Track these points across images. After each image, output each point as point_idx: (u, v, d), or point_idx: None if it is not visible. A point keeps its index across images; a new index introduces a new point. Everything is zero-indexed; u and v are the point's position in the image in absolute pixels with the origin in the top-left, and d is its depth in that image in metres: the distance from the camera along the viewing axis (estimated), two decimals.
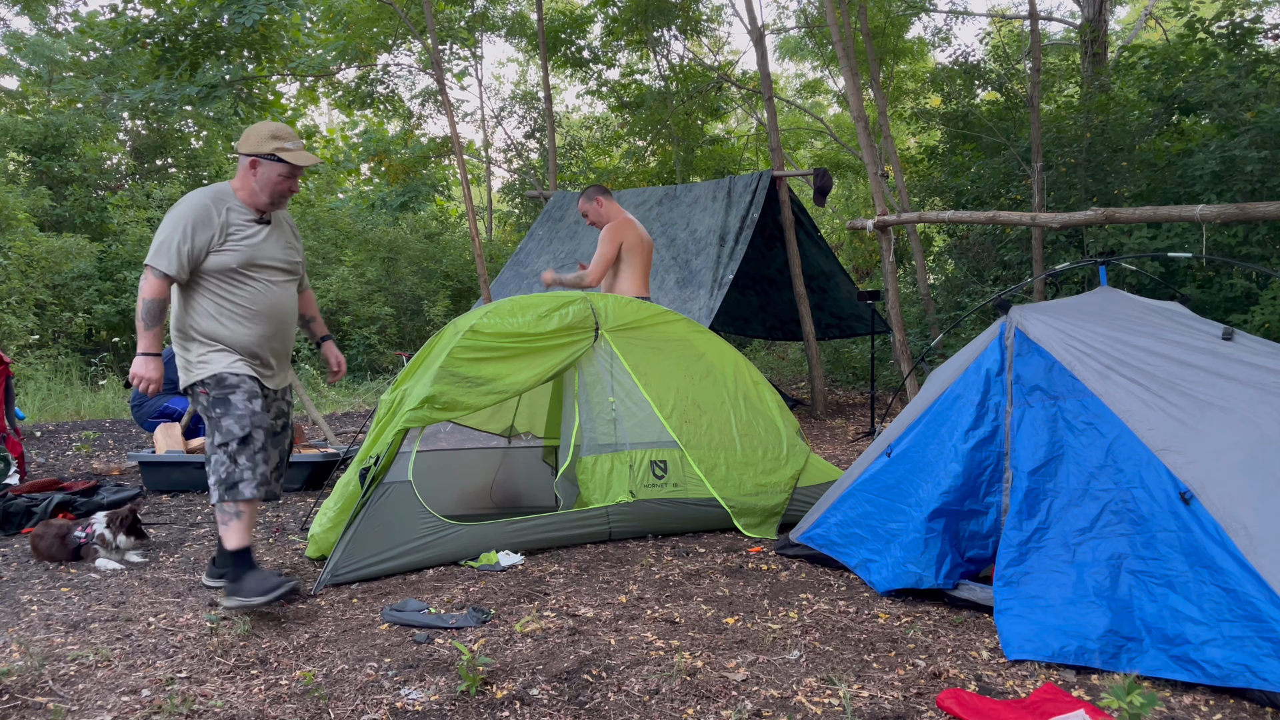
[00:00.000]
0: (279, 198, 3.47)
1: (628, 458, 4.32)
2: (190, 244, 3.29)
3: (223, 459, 3.30)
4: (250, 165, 3.40)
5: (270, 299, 3.47)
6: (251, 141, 3.42)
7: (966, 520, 3.30)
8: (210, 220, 3.33)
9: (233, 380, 3.36)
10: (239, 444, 3.31)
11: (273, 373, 3.56)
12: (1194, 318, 3.36)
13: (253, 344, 3.45)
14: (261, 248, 3.44)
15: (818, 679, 2.63)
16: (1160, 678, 2.57)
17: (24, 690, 2.61)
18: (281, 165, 3.41)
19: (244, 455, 3.31)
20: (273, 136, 3.42)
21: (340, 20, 14.40)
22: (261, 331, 3.46)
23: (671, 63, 16.01)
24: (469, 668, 2.59)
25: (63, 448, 7.69)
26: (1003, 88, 11.78)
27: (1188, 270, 8.30)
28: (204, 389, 3.36)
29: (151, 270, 3.28)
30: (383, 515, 3.74)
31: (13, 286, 12.39)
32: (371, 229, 16.36)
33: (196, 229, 3.30)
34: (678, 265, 8.26)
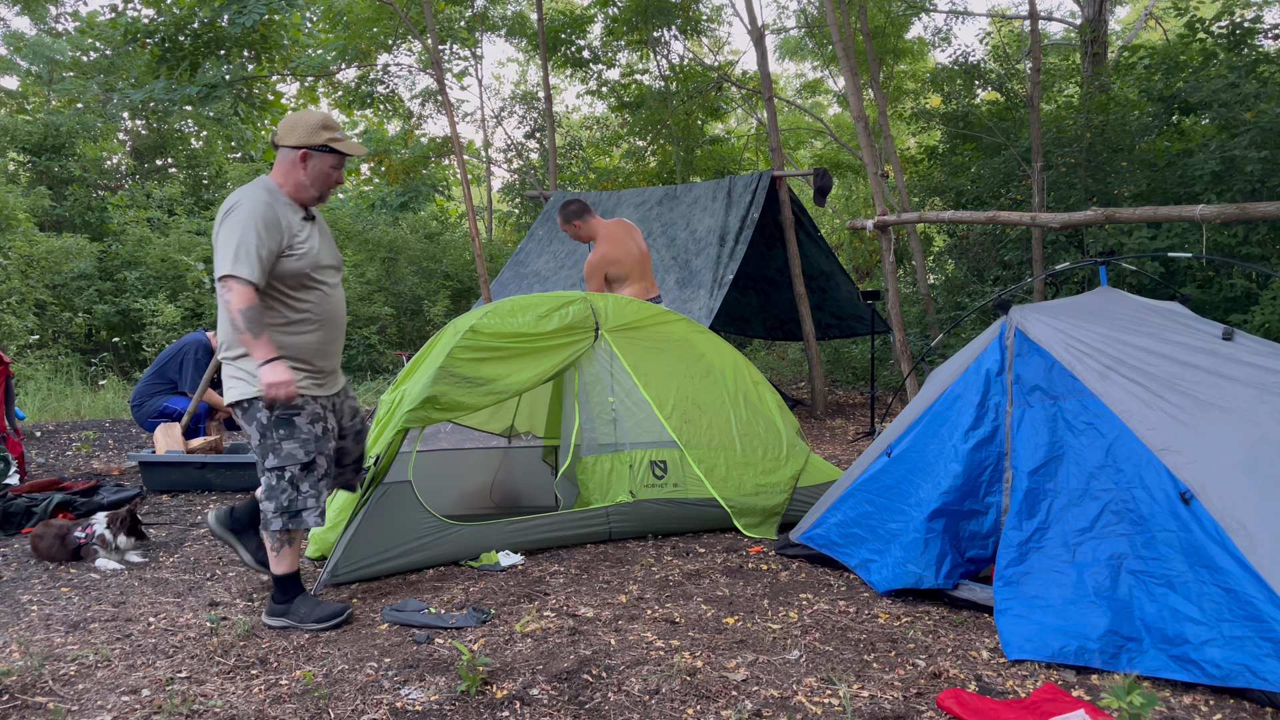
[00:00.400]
0: (328, 191, 3.30)
1: (628, 458, 4.32)
2: (266, 248, 3.04)
3: (284, 486, 3.15)
4: (300, 158, 3.21)
5: (332, 303, 3.29)
6: (300, 133, 3.22)
7: (966, 520, 3.30)
8: (277, 221, 3.10)
9: (298, 401, 3.14)
10: (301, 470, 3.16)
11: (330, 378, 3.35)
12: (1194, 318, 3.36)
13: (316, 352, 3.23)
14: (318, 248, 3.23)
15: (818, 679, 2.63)
16: (1160, 678, 2.57)
17: (24, 690, 2.61)
18: (333, 156, 3.24)
19: (306, 482, 3.17)
20: (323, 126, 3.24)
21: (340, 20, 14.40)
22: (325, 338, 3.27)
23: (671, 63, 16.01)
24: (469, 668, 2.59)
25: (63, 448, 7.70)
26: (1003, 88, 11.78)
27: (1188, 270, 8.30)
28: (266, 405, 3.12)
29: (235, 280, 2.99)
30: (383, 515, 3.74)
31: (13, 286, 12.39)
32: (371, 229, 16.35)
33: (269, 230, 3.06)
34: (678, 265, 8.26)
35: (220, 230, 3.08)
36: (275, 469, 3.14)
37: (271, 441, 3.14)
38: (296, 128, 3.24)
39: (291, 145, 3.22)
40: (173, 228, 15.47)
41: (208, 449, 5.92)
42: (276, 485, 3.14)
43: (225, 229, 3.07)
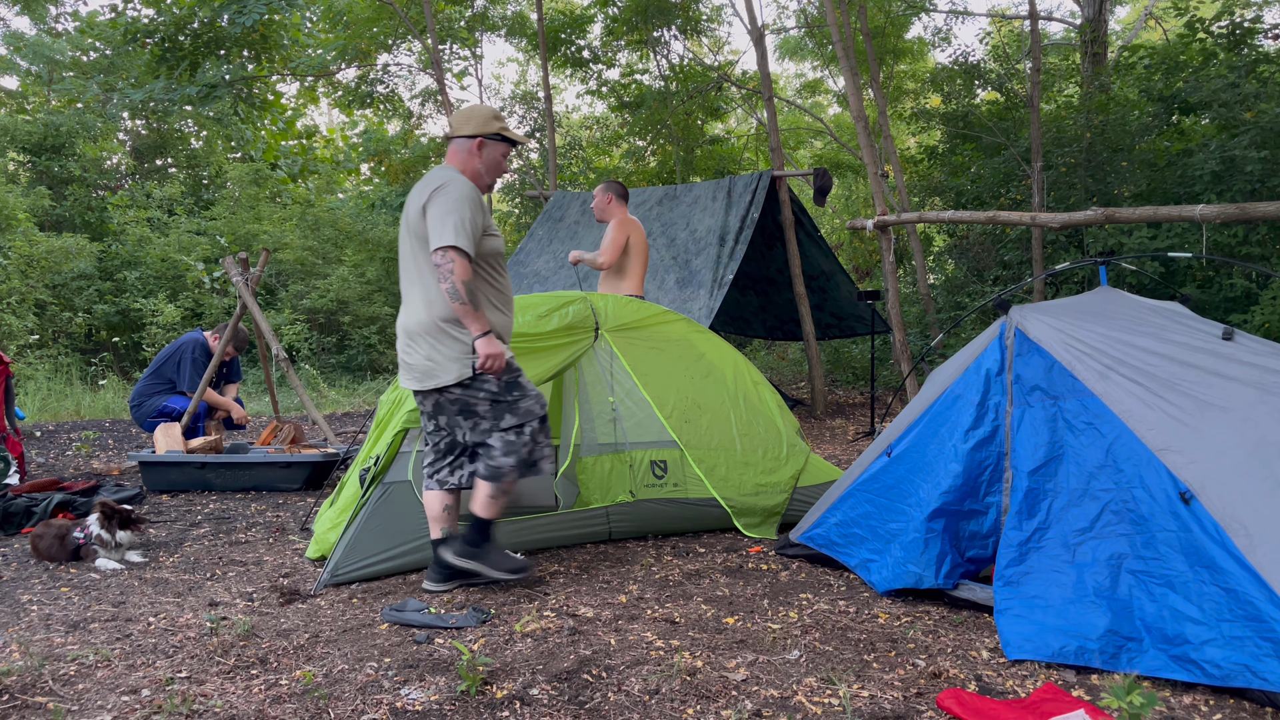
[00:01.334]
0: (497, 178, 3.53)
1: (628, 458, 4.32)
2: (476, 225, 3.27)
3: (525, 440, 3.39)
4: (476, 146, 3.42)
5: (510, 286, 3.54)
6: (476, 122, 3.43)
7: (966, 520, 3.30)
8: (480, 203, 3.34)
9: (515, 364, 3.42)
10: (540, 422, 3.42)
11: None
12: (1194, 318, 3.36)
13: (506, 330, 3.49)
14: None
15: (818, 679, 2.63)
16: (1160, 678, 2.57)
17: (24, 690, 2.61)
18: (505, 144, 3.48)
19: (543, 433, 3.43)
20: (495, 117, 3.47)
21: (340, 20, 14.41)
22: (510, 319, 3.53)
23: (671, 63, 16.01)
24: (469, 668, 2.59)
25: (63, 448, 7.70)
26: (1003, 88, 11.78)
27: (1188, 270, 8.30)
28: (506, 376, 3.37)
29: (456, 251, 3.18)
30: (383, 515, 3.74)
31: (13, 286, 12.39)
32: (371, 229, 16.35)
33: (475, 209, 3.29)
34: (678, 265, 8.26)
35: (432, 206, 3.25)
36: (515, 427, 3.39)
37: (509, 402, 3.39)
38: (472, 118, 3.46)
39: (468, 134, 3.45)
40: (173, 228, 15.47)
41: (208, 449, 5.92)
42: (517, 440, 3.39)
43: (439, 205, 3.24)
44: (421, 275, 3.35)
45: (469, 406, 3.39)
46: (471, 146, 3.44)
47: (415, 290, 3.38)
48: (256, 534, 4.64)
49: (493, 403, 3.38)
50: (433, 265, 3.26)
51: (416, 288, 3.37)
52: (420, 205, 3.29)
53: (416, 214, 3.32)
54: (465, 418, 3.42)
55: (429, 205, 3.26)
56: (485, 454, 3.43)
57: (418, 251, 3.36)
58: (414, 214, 3.33)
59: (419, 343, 3.36)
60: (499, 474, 3.40)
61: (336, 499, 4.39)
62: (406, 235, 3.41)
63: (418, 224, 3.32)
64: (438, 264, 3.21)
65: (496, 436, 3.39)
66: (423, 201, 3.29)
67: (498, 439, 3.39)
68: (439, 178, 3.32)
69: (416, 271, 3.37)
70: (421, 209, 3.29)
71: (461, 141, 3.45)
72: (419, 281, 3.36)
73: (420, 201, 3.30)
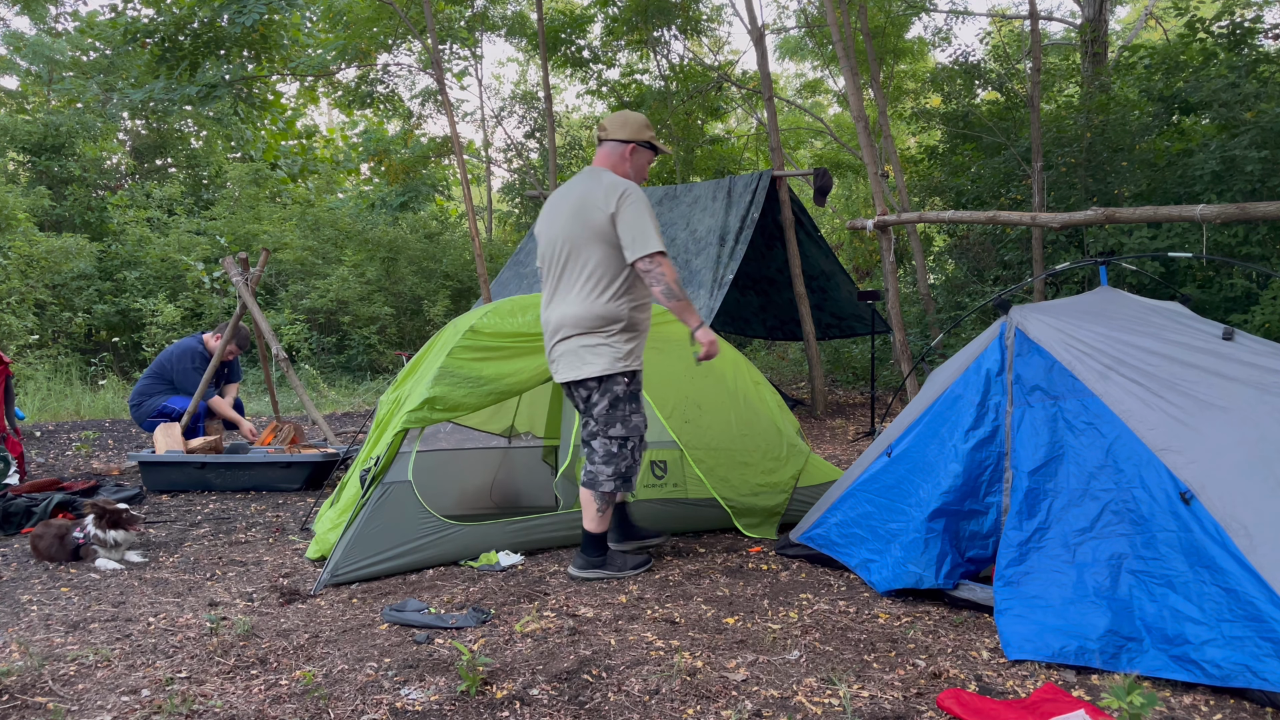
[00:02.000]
0: (641, 182, 3.71)
1: None
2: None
3: (625, 454, 3.55)
4: (629, 151, 3.62)
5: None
6: (631, 128, 3.63)
7: (967, 520, 3.30)
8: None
9: (641, 379, 3.62)
10: (640, 441, 3.59)
11: None
12: (1194, 318, 3.36)
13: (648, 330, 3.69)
14: None
15: (818, 679, 2.63)
16: (1160, 678, 2.57)
17: (24, 690, 2.61)
18: (651, 152, 3.69)
19: (639, 451, 3.61)
20: (646, 126, 3.66)
21: (340, 20, 14.41)
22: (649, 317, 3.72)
23: (671, 63, 16.01)
24: (469, 668, 2.59)
25: (63, 448, 7.70)
26: (1003, 88, 11.78)
27: (1188, 270, 8.30)
28: (626, 381, 3.52)
29: (662, 256, 3.43)
30: (383, 515, 3.74)
31: (13, 286, 12.39)
32: (371, 229, 16.36)
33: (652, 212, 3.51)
34: (678, 265, 8.26)
35: (624, 214, 3.43)
36: (620, 438, 3.54)
37: (622, 413, 3.53)
38: (626, 124, 3.65)
39: (621, 139, 3.63)
40: (172, 228, 15.47)
41: (208, 449, 5.92)
42: (618, 453, 3.54)
43: (632, 213, 3.43)
44: (592, 273, 3.50)
45: (591, 406, 3.58)
46: (624, 151, 3.63)
47: (579, 287, 3.52)
48: (256, 534, 4.64)
49: (610, 407, 3.54)
50: (619, 262, 3.48)
51: (581, 285, 3.51)
52: (607, 212, 3.44)
53: (602, 219, 3.45)
54: (584, 414, 3.64)
55: (620, 213, 3.43)
56: (588, 455, 3.61)
57: (593, 250, 3.49)
58: (597, 218, 3.46)
59: (571, 338, 3.54)
60: (595, 481, 3.57)
61: (337, 499, 4.39)
62: (577, 234, 3.51)
63: (603, 227, 3.46)
64: (647, 269, 3.42)
65: (600, 441, 3.56)
66: (610, 210, 3.44)
67: (600, 444, 3.56)
68: (616, 184, 3.47)
69: (586, 269, 3.51)
70: (610, 216, 3.44)
71: (615, 145, 3.64)
72: (585, 279, 3.50)
73: (605, 208, 3.44)
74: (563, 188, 3.68)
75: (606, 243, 3.47)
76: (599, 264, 3.49)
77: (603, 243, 3.47)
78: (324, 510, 4.57)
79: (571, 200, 3.55)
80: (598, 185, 3.50)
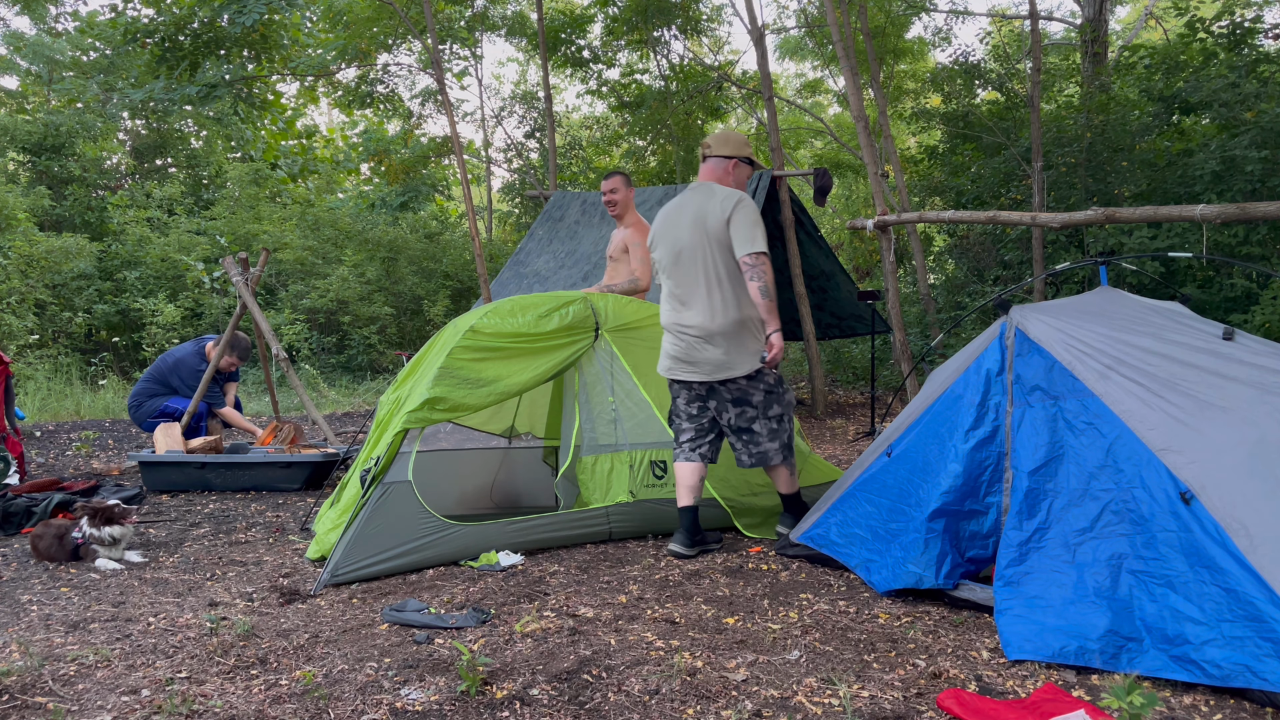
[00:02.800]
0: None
1: (628, 458, 4.32)
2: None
3: (785, 426, 3.97)
4: (732, 166, 3.98)
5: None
6: (733, 145, 4.00)
7: (967, 520, 3.30)
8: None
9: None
10: (792, 411, 4.04)
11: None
12: (1194, 318, 3.35)
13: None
14: None
15: (818, 679, 2.63)
16: (1160, 678, 2.57)
17: (24, 690, 2.61)
18: (749, 168, 4.05)
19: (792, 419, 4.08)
20: (745, 144, 4.03)
21: (340, 20, 14.41)
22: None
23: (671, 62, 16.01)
24: (469, 668, 2.59)
25: (63, 448, 7.70)
26: (1003, 88, 11.78)
27: (1188, 270, 8.30)
28: (774, 370, 3.93)
29: (766, 256, 3.75)
30: (383, 515, 3.74)
31: (13, 286, 12.40)
32: (371, 229, 16.36)
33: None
34: None
35: (738, 217, 3.77)
36: (778, 416, 3.94)
37: (779, 394, 3.96)
38: (729, 141, 4.01)
39: (725, 155, 3.99)
40: (172, 227, 15.48)
41: (208, 449, 5.92)
42: (779, 428, 3.94)
43: (744, 216, 3.77)
44: (722, 278, 3.82)
45: (746, 397, 3.90)
46: (728, 165, 3.98)
47: (714, 292, 3.83)
48: (256, 534, 4.64)
49: (766, 393, 3.92)
50: (730, 269, 3.80)
51: (715, 290, 3.83)
52: (723, 217, 3.78)
53: (719, 224, 3.78)
54: (736, 405, 3.92)
55: (734, 217, 3.77)
56: (749, 439, 3.94)
57: (718, 256, 3.82)
58: (715, 224, 3.79)
59: (716, 340, 3.83)
60: (766, 459, 3.93)
61: (338, 500, 4.39)
62: (703, 242, 3.83)
63: (721, 232, 3.79)
64: (751, 265, 3.73)
65: (761, 423, 3.91)
66: (725, 215, 3.78)
67: (762, 425, 3.91)
68: (731, 193, 3.85)
69: (716, 275, 3.83)
70: (725, 220, 3.77)
71: (719, 160, 3.99)
72: (718, 284, 3.82)
73: (722, 214, 3.78)
74: (674, 202, 4.01)
75: (727, 248, 3.81)
76: (723, 269, 3.82)
77: (725, 248, 3.81)
78: (324, 510, 4.57)
79: (689, 211, 3.88)
80: (712, 196, 3.85)
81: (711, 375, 3.87)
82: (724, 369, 3.84)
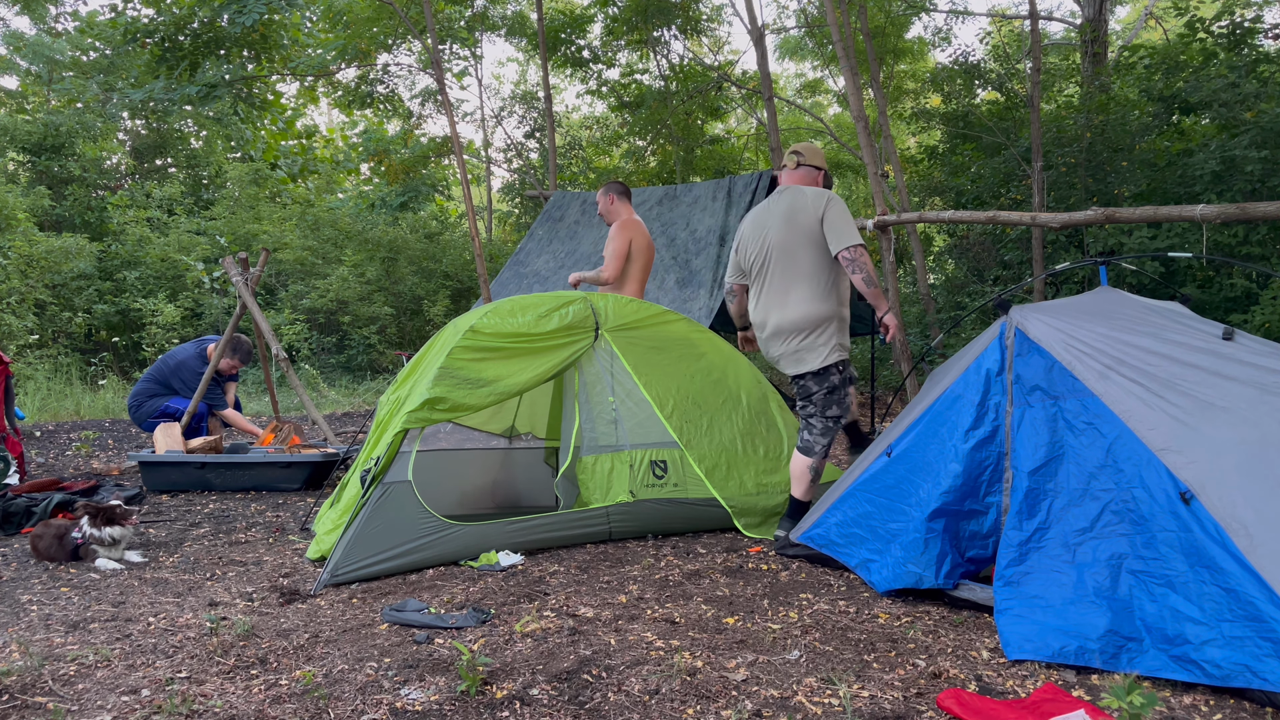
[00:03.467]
0: None
1: (628, 458, 4.32)
2: None
3: (837, 428, 4.12)
4: (819, 176, 4.34)
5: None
6: (820, 158, 4.38)
7: (967, 520, 3.30)
8: None
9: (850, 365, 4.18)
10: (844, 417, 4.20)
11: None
12: (1194, 318, 3.35)
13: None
14: None
15: (818, 679, 2.63)
16: (1160, 678, 2.57)
17: (24, 690, 2.61)
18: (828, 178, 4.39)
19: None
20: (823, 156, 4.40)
21: (340, 20, 14.42)
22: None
23: (671, 62, 16.01)
24: (469, 668, 2.59)
25: (63, 448, 7.70)
26: (1003, 88, 11.78)
27: (1188, 270, 8.30)
28: (839, 370, 4.07)
29: (863, 248, 3.97)
30: (383, 515, 3.74)
31: (13, 286, 12.40)
32: (371, 229, 16.36)
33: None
34: (678, 265, 8.26)
35: (829, 215, 4.01)
36: (835, 417, 4.11)
37: (838, 396, 4.10)
38: (817, 154, 4.41)
39: (814, 165, 4.36)
40: (172, 227, 15.48)
41: (208, 449, 5.92)
42: (833, 427, 4.11)
43: (836, 214, 4.01)
44: (811, 273, 4.03)
45: (809, 392, 4.10)
46: (816, 175, 4.34)
47: (802, 287, 4.05)
48: (256, 534, 4.64)
49: (828, 393, 4.08)
50: (826, 264, 4.02)
51: (803, 285, 4.05)
52: (817, 215, 4.02)
53: (813, 220, 4.02)
54: (800, 397, 4.14)
55: (827, 214, 4.00)
56: (805, 429, 4.15)
57: (812, 253, 4.04)
58: (808, 220, 4.03)
59: (792, 335, 4.08)
60: (810, 449, 4.11)
61: (337, 500, 4.39)
62: (792, 238, 4.05)
63: (813, 228, 4.02)
64: (850, 258, 3.95)
65: (818, 419, 4.11)
66: (819, 212, 4.01)
67: (819, 421, 4.10)
68: (821, 192, 4.10)
69: (801, 271, 4.05)
70: (819, 217, 4.01)
71: (810, 169, 4.35)
72: (808, 280, 4.04)
73: (815, 212, 4.02)
74: (765, 204, 4.24)
75: (816, 245, 4.02)
76: (811, 266, 4.03)
77: (814, 245, 4.02)
78: (324, 510, 4.57)
79: (779, 211, 4.12)
80: (803, 196, 4.10)
81: (786, 370, 4.17)
82: (798, 363, 4.08)
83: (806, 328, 4.04)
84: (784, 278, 4.08)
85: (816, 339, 4.04)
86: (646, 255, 5.46)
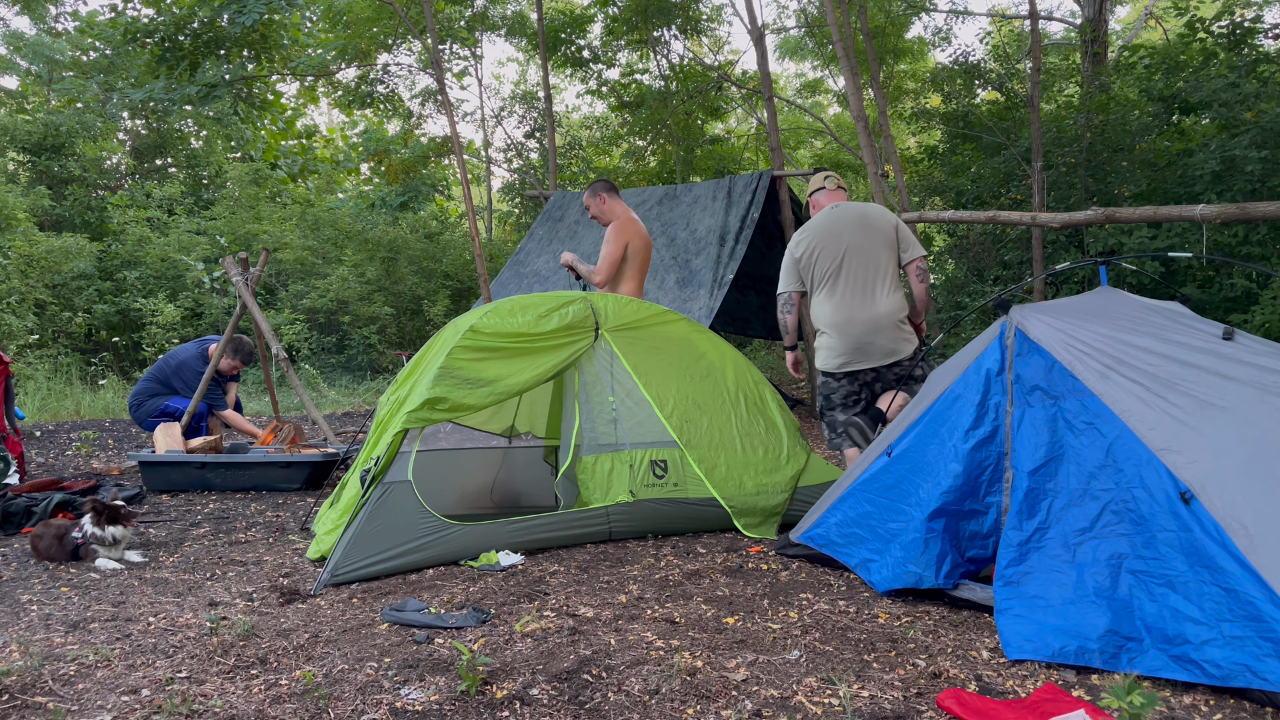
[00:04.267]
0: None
1: (628, 457, 4.32)
2: None
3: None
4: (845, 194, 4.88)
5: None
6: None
7: (967, 520, 3.30)
8: None
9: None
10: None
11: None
12: (1194, 318, 3.35)
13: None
14: None
15: (818, 679, 2.63)
16: (1160, 678, 2.57)
17: (24, 690, 2.61)
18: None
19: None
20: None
21: (340, 20, 14.42)
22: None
23: (671, 62, 16.01)
24: (469, 668, 2.59)
25: (63, 448, 7.70)
26: (1003, 87, 11.78)
27: (1188, 270, 8.30)
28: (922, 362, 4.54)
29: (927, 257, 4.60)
30: (383, 515, 3.74)
31: (13, 286, 12.40)
32: (371, 229, 16.36)
33: None
34: (678, 265, 8.26)
35: (901, 224, 4.58)
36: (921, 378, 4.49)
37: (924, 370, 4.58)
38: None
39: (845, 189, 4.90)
40: (172, 227, 15.48)
41: (208, 449, 5.92)
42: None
43: (904, 224, 4.60)
44: (888, 274, 4.51)
45: (911, 373, 4.52)
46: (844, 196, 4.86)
47: (885, 283, 4.50)
48: (256, 534, 4.64)
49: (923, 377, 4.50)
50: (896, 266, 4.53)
51: (886, 282, 4.50)
52: (892, 223, 4.56)
53: (889, 228, 4.54)
54: (901, 383, 4.51)
55: (900, 225, 4.57)
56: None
57: (889, 254, 4.53)
58: (885, 227, 4.53)
59: (887, 329, 4.47)
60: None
61: (337, 499, 4.39)
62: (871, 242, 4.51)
63: (890, 235, 4.53)
64: (923, 268, 4.57)
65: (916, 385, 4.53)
66: (893, 221, 4.57)
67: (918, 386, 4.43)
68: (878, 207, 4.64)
69: (883, 271, 4.50)
70: (894, 226, 4.56)
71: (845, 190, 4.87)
72: (888, 277, 4.51)
73: (888, 221, 4.56)
74: (827, 215, 4.63)
75: (891, 249, 4.52)
76: (889, 266, 4.51)
77: (889, 248, 4.52)
78: (324, 510, 4.58)
79: (850, 218, 4.56)
80: (871, 206, 4.63)
81: (882, 360, 4.49)
82: (895, 353, 4.48)
83: (899, 318, 4.50)
84: (866, 276, 4.48)
85: (904, 327, 4.51)
86: (643, 255, 5.44)
